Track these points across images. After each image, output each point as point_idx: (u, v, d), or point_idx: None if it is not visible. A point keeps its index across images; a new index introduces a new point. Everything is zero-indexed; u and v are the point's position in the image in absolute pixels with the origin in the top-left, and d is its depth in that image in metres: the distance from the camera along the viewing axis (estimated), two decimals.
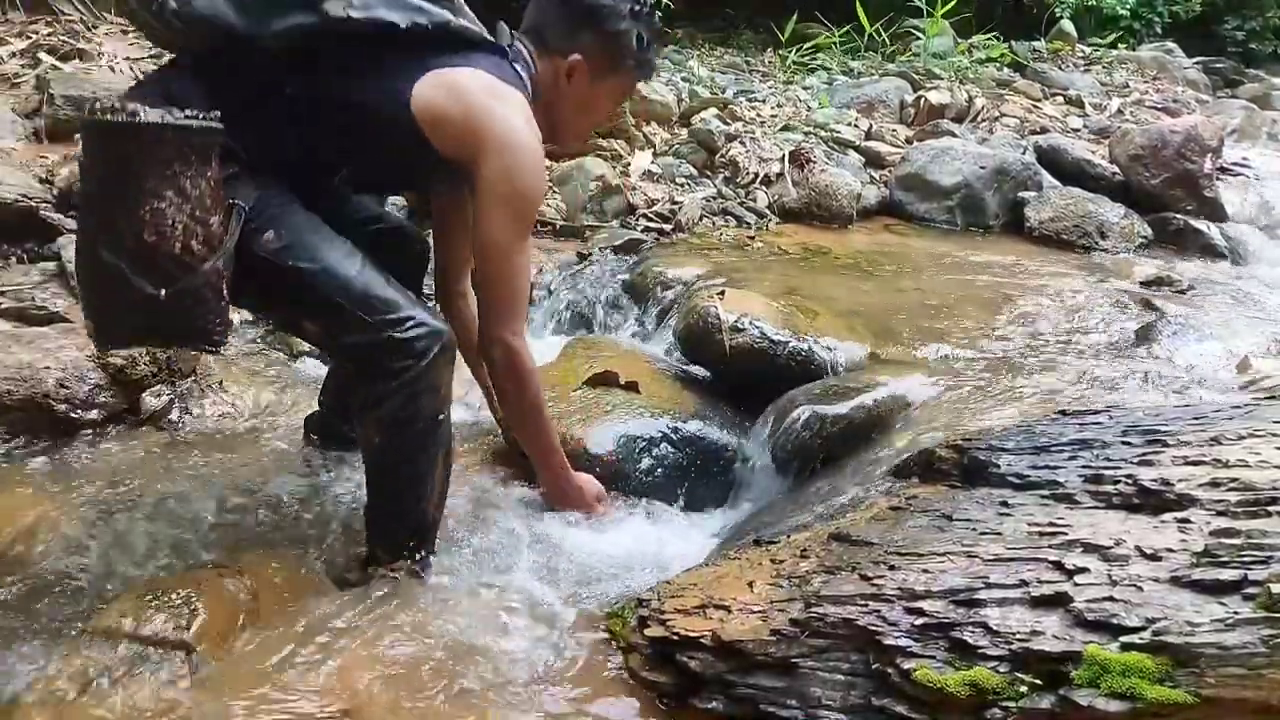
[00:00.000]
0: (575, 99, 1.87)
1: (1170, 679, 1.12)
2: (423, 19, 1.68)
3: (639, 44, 1.87)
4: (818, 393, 2.31)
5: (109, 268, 1.53)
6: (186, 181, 1.51)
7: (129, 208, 1.50)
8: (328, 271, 1.64)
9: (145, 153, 1.48)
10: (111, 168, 1.52)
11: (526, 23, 1.89)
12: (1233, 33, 9.56)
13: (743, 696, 1.41)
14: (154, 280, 1.52)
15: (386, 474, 1.73)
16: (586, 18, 1.83)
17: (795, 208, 4.09)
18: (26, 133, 4.10)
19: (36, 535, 1.94)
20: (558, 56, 1.84)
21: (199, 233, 1.54)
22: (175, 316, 1.57)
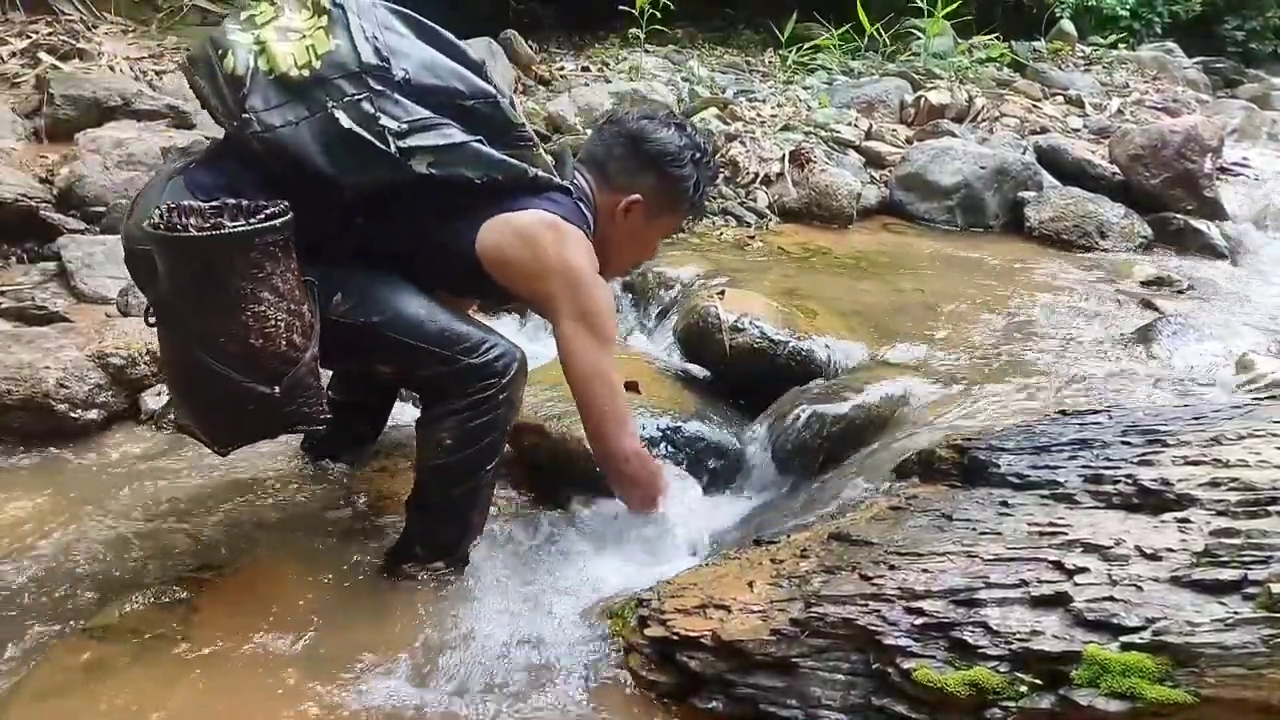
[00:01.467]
0: (628, 234, 1.92)
1: (1170, 679, 1.12)
2: (497, 173, 1.70)
3: (695, 189, 1.94)
4: (818, 392, 2.31)
5: (216, 376, 1.54)
6: (278, 279, 1.52)
7: (229, 315, 1.50)
8: (399, 319, 1.69)
9: (237, 261, 1.49)
10: (201, 278, 1.51)
11: (587, 153, 1.94)
12: (1233, 33, 9.55)
13: (743, 696, 1.42)
14: (264, 379, 1.55)
15: (449, 480, 1.76)
16: (652, 162, 1.88)
17: (795, 208, 4.09)
18: (26, 133, 4.11)
19: (36, 534, 1.94)
20: (618, 193, 1.89)
21: (298, 325, 1.57)
22: (286, 408, 1.59)
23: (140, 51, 5.32)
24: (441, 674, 1.58)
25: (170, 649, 1.59)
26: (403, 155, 1.61)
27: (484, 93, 1.69)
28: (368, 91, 1.60)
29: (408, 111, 1.62)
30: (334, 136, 1.59)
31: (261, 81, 1.61)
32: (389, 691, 1.54)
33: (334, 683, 1.55)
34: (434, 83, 1.65)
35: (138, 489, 2.13)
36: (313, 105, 1.60)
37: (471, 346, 1.70)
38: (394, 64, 1.62)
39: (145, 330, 2.52)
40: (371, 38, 1.62)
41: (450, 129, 1.66)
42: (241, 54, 1.63)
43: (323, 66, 1.60)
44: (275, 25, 1.64)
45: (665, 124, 1.91)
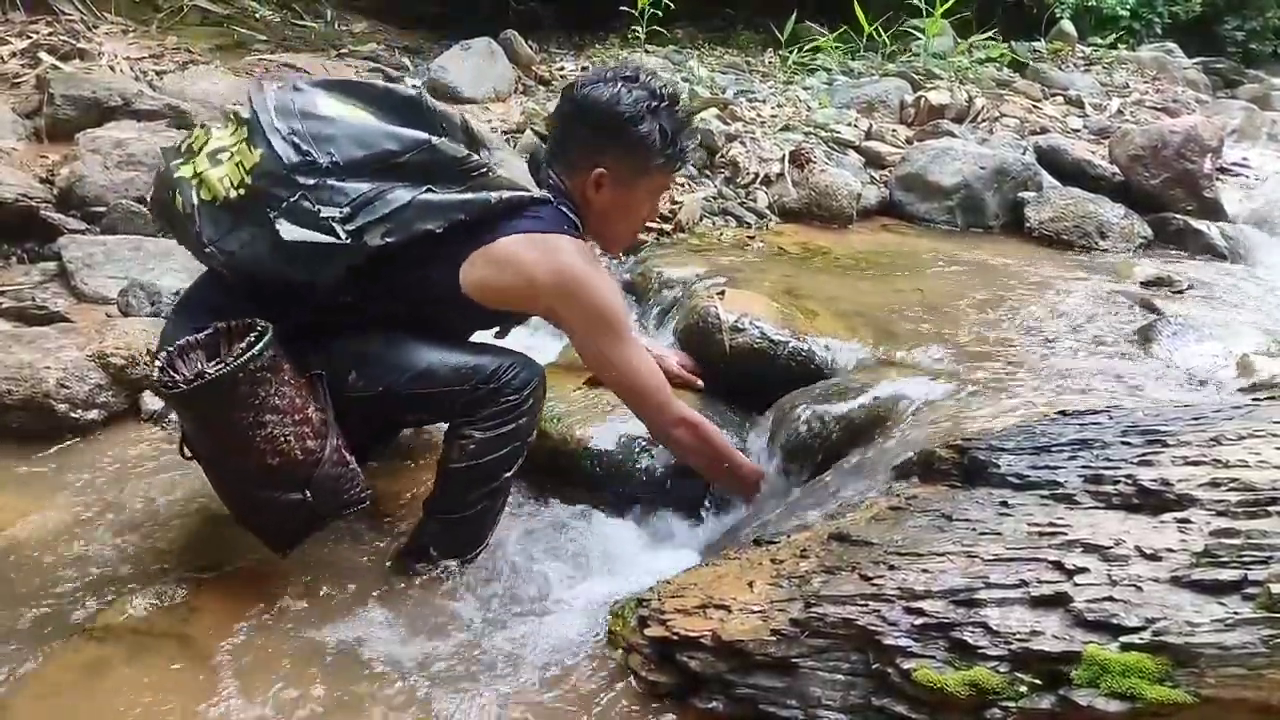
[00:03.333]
0: (611, 206, 1.88)
1: (1170, 679, 1.12)
2: (461, 214, 1.68)
3: (663, 139, 1.85)
4: (818, 393, 2.31)
5: (257, 499, 1.67)
6: (275, 399, 1.58)
7: (241, 445, 1.59)
8: (414, 376, 1.74)
9: (228, 401, 1.54)
10: (206, 420, 1.62)
11: (550, 138, 1.91)
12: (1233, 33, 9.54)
13: (743, 696, 1.42)
14: (293, 488, 1.64)
15: (469, 484, 1.80)
16: (605, 128, 1.82)
17: (795, 208, 4.09)
18: (26, 133, 4.11)
19: (37, 534, 1.94)
20: (583, 171, 1.84)
21: (308, 431, 1.63)
22: (327, 500, 1.69)
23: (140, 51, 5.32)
24: (443, 674, 1.58)
25: (170, 649, 1.60)
26: (354, 237, 1.61)
27: (417, 143, 1.65)
28: (300, 190, 1.59)
29: (346, 194, 1.61)
30: (286, 245, 1.60)
31: (206, 211, 1.64)
32: (389, 691, 1.54)
33: (334, 682, 1.55)
34: (365, 154, 1.63)
35: (138, 489, 2.13)
36: (258, 220, 1.61)
37: (489, 375, 1.75)
38: (318, 152, 1.60)
39: (145, 330, 2.53)
40: (289, 136, 1.60)
41: (393, 192, 1.63)
42: (186, 190, 1.66)
43: (253, 180, 1.61)
44: (207, 151, 1.67)
45: (611, 83, 1.81)
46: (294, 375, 1.63)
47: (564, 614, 1.73)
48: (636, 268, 3.38)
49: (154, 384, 1.60)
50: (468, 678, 1.58)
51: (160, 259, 3.23)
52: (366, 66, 6.28)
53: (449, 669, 1.60)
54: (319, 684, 1.55)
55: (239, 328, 1.63)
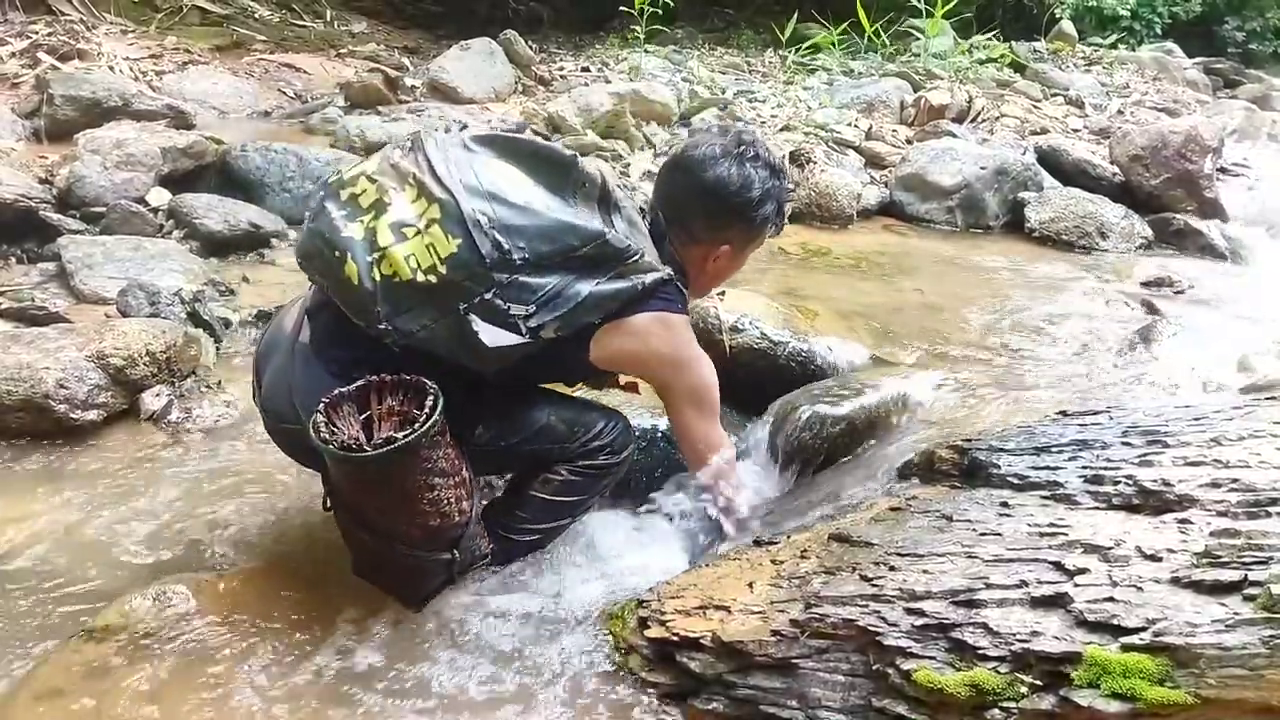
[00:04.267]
0: (720, 271, 1.97)
1: (1170, 679, 1.12)
2: (616, 304, 1.70)
3: (778, 214, 1.93)
4: (818, 393, 2.31)
5: (406, 560, 1.67)
6: (442, 461, 1.59)
7: (408, 509, 1.59)
8: (532, 433, 1.79)
9: (410, 462, 1.54)
10: (379, 485, 1.58)
11: (665, 205, 1.91)
12: (1233, 33, 9.55)
13: (743, 697, 1.41)
14: (445, 548, 1.68)
15: (540, 515, 1.86)
16: (736, 212, 1.86)
17: (795, 208, 4.09)
18: (26, 133, 4.11)
19: (36, 534, 1.94)
20: (706, 245, 1.89)
21: (463, 493, 1.66)
22: (467, 558, 1.74)
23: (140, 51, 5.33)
24: (444, 674, 1.58)
25: (170, 649, 1.59)
26: (533, 334, 1.62)
27: (595, 236, 1.65)
28: (494, 286, 1.57)
29: (532, 291, 1.60)
30: (470, 337, 1.59)
31: (387, 287, 1.58)
32: (389, 691, 1.54)
33: (334, 682, 1.55)
34: (551, 249, 1.62)
35: (138, 489, 2.13)
36: (444, 309, 1.58)
37: (596, 432, 1.84)
38: (512, 247, 1.58)
39: (145, 330, 2.52)
40: (488, 228, 1.56)
41: (572, 287, 1.64)
42: (361, 259, 1.58)
43: (447, 270, 1.56)
44: (387, 220, 1.60)
45: (739, 161, 1.84)
46: (451, 437, 1.62)
47: (564, 614, 1.73)
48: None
49: (325, 441, 1.51)
50: (468, 680, 1.58)
51: (159, 259, 3.23)
52: (366, 66, 6.28)
53: (447, 669, 1.59)
54: (319, 683, 1.54)
55: (392, 384, 1.58)
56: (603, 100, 4.78)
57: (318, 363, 1.69)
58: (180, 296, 2.92)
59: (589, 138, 4.40)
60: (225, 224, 3.56)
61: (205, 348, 2.72)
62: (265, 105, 5.50)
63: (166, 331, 2.58)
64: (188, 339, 2.64)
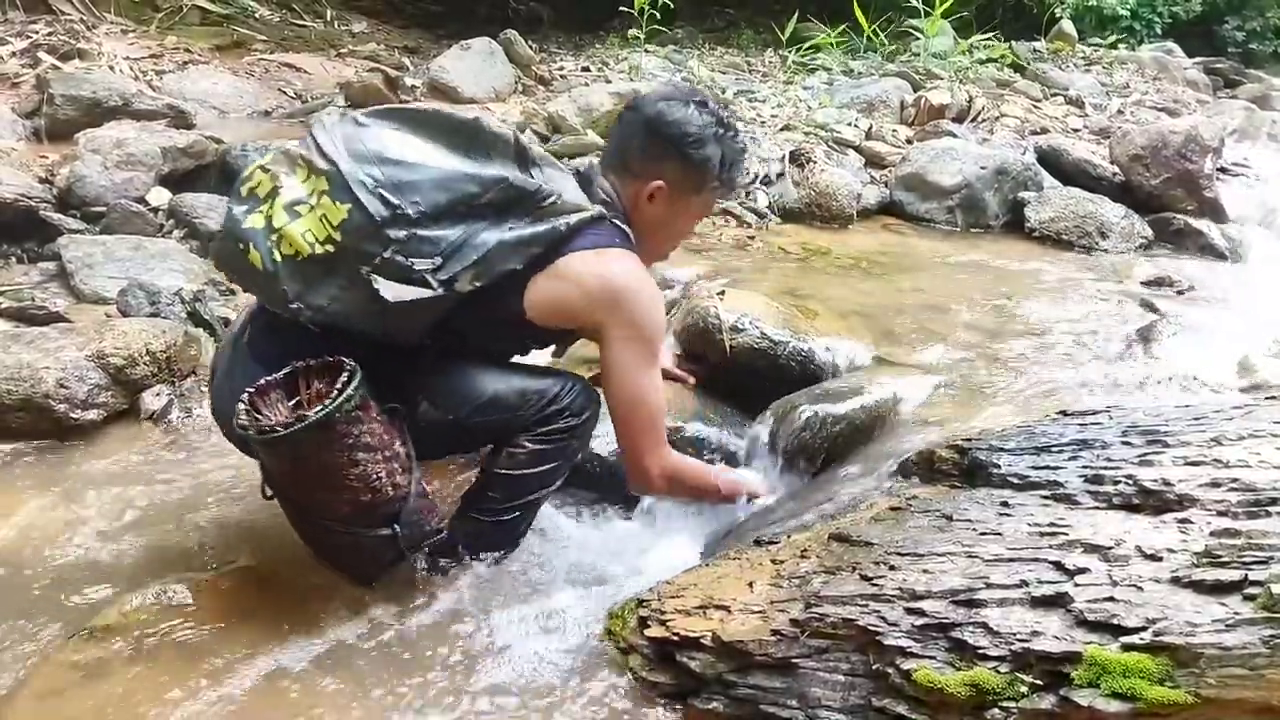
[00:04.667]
0: (657, 220, 1.87)
1: (1170, 679, 1.12)
2: (537, 247, 1.68)
3: (721, 166, 1.86)
4: (818, 393, 2.31)
5: (343, 538, 1.68)
6: (366, 436, 1.59)
7: (335, 485, 1.59)
8: (482, 404, 1.76)
9: (323, 442, 1.54)
10: (301, 463, 1.59)
11: (611, 147, 1.90)
12: (1233, 33, 9.54)
13: (743, 696, 1.42)
14: (383, 524, 1.66)
15: (513, 492, 1.83)
16: (672, 145, 1.81)
17: (795, 208, 4.09)
18: (26, 133, 4.11)
19: (36, 535, 1.94)
20: (641, 181, 1.84)
21: (397, 466, 1.65)
22: (413, 534, 1.71)
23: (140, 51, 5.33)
24: (443, 674, 1.58)
25: (170, 649, 1.60)
26: (446, 286, 1.60)
27: (495, 182, 1.64)
28: (393, 244, 1.57)
29: (435, 244, 1.59)
30: (379, 302, 1.58)
31: (289, 266, 1.60)
32: (389, 691, 1.54)
33: (334, 681, 1.55)
34: (448, 198, 1.61)
35: (137, 489, 2.13)
36: (348, 276, 1.59)
37: (551, 397, 1.78)
38: (404, 202, 1.58)
39: (145, 330, 2.53)
40: (375, 188, 1.57)
41: (479, 236, 1.62)
42: (262, 245, 1.61)
43: (343, 237, 1.57)
44: (281, 202, 1.61)
45: (684, 102, 1.83)
46: (379, 412, 1.62)
47: (563, 615, 1.73)
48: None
49: (242, 428, 1.56)
50: (468, 679, 1.58)
51: (159, 259, 3.23)
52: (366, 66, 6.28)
53: (448, 668, 1.60)
54: (319, 683, 1.54)
55: (318, 366, 1.61)
56: (603, 100, 4.78)
57: (254, 360, 1.71)
58: (180, 296, 2.92)
59: (589, 137, 4.39)
60: None
61: (205, 347, 2.72)
62: (265, 105, 5.50)
63: (167, 331, 2.58)
64: (188, 339, 2.64)
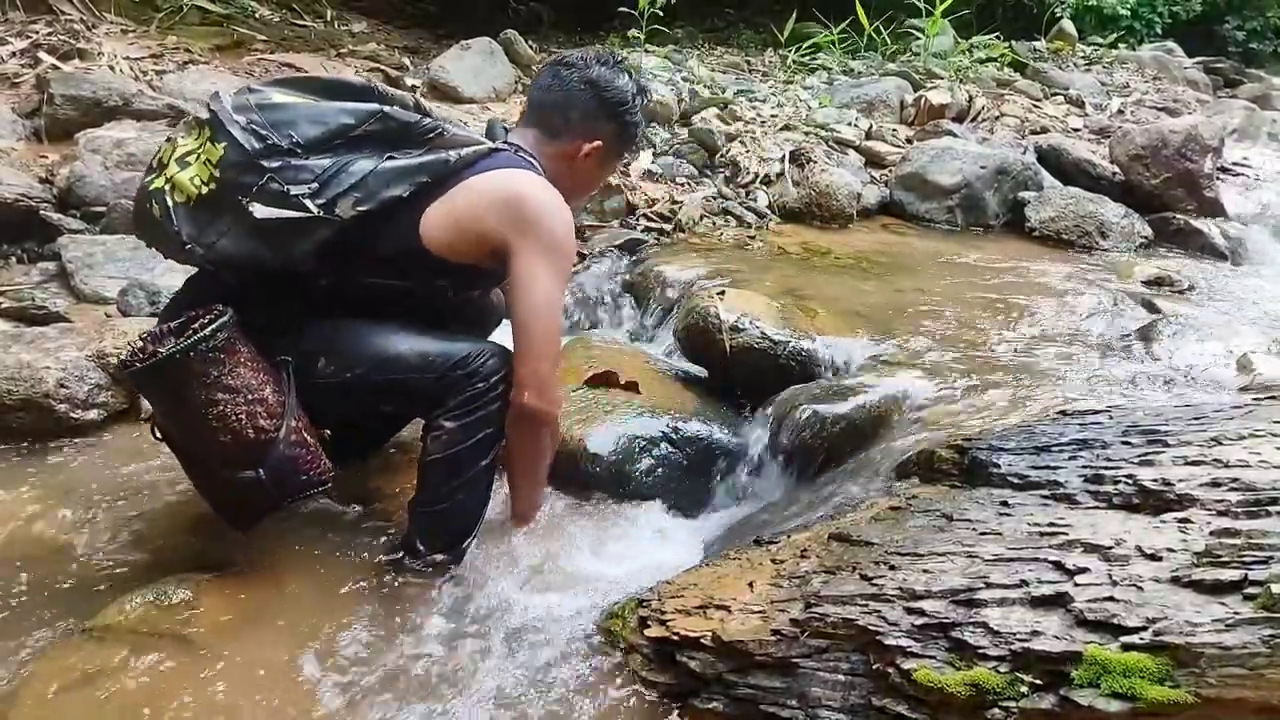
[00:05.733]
0: (583, 176, 1.98)
1: (1170, 679, 1.12)
2: (424, 176, 1.74)
3: (639, 131, 2.02)
4: (818, 392, 2.31)
5: (215, 478, 1.73)
6: (228, 378, 1.65)
7: (198, 424, 1.66)
8: (381, 362, 1.77)
9: (180, 379, 1.63)
10: (166, 400, 1.71)
11: (541, 98, 1.94)
12: (1233, 33, 9.54)
13: (743, 696, 1.42)
14: (247, 466, 1.68)
15: (448, 474, 1.81)
16: (613, 109, 1.92)
17: (795, 208, 4.09)
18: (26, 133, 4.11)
19: (36, 535, 1.94)
20: (578, 138, 1.91)
21: (260, 411, 1.68)
22: (284, 481, 1.72)
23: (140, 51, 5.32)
24: (442, 674, 1.58)
25: (170, 649, 1.59)
26: (326, 209, 1.67)
27: (370, 114, 1.72)
28: (267, 173, 1.66)
29: (311, 170, 1.67)
30: (261, 227, 1.66)
31: (183, 212, 1.70)
32: (389, 690, 1.54)
33: (335, 681, 1.55)
34: (322, 130, 1.69)
35: (138, 489, 2.13)
36: (231, 209, 1.68)
37: (457, 360, 1.76)
38: (278, 136, 1.67)
39: (145, 330, 2.52)
40: (248, 125, 1.67)
41: (355, 164, 1.70)
42: (161, 199, 1.72)
43: (221, 173, 1.67)
44: (174, 157, 1.73)
45: (617, 70, 1.94)
46: (253, 358, 1.70)
47: (563, 615, 1.73)
48: (636, 268, 3.38)
49: (116, 366, 1.69)
50: (467, 679, 1.58)
51: (159, 259, 3.22)
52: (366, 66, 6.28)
53: (448, 668, 1.60)
54: (319, 682, 1.54)
55: (205, 314, 1.69)
56: None
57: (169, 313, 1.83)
58: None
59: None
60: None
61: None
62: None
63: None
64: None
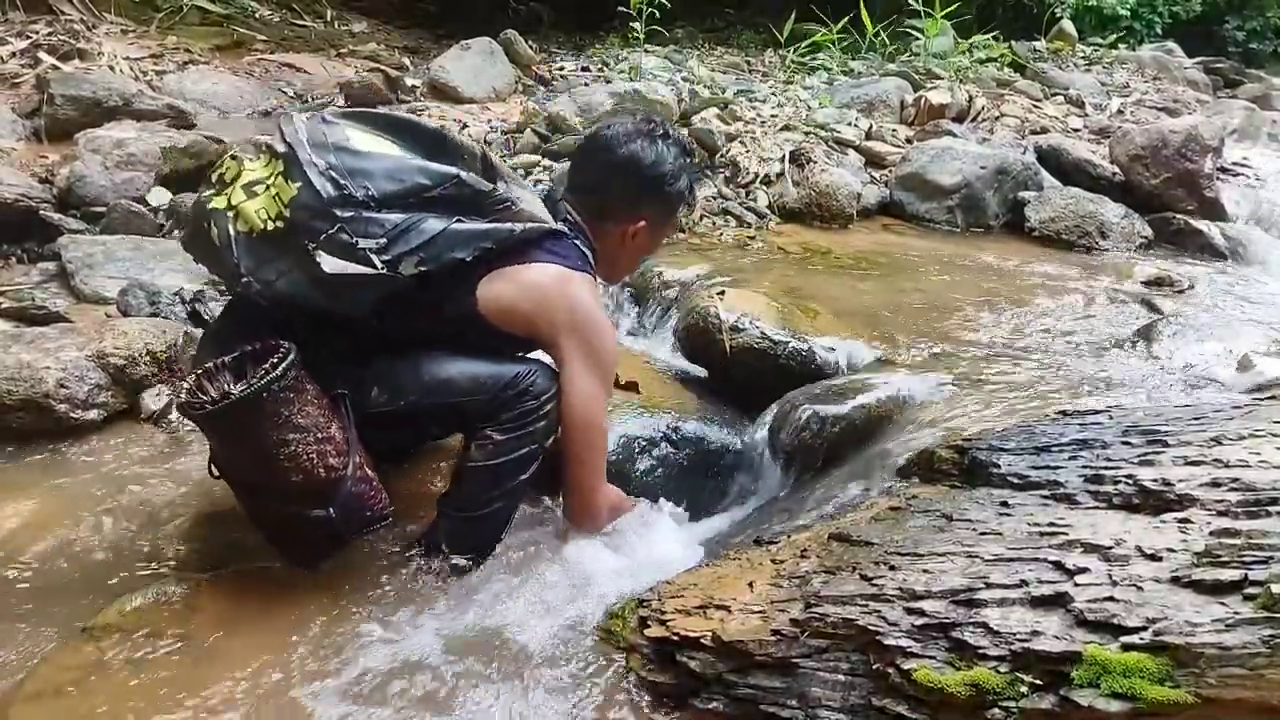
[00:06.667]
0: (635, 250, 2.01)
1: (1170, 679, 1.12)
2: (489, 242, 1.74)
3: (689, 192, 2.01)
4: (818, 393, 2.31)
5: (283, 517, 1.71)
6: (298, 417, 1.63)
7: (267, 462, 1.63)
8: (434, 388, 1.78)
9: (251, 420, 1.60)
10: (234, 441, 1.67)
11: (578, 185, 1.96)
12: (1233, 33, 9.54)
13: (743, 696, 1.42)
14: (318, 505, 1.67)
15: (488, 485, 1.83)
16: (652, 186, 1.93)
17: (795, 208, 4.09)
18: (26, 133, 4.11)
19: (37, 534, 1.94)
20: (622, 222, 1.94)
21: (330, 449, 1.67)
22: (352, 518, 1.72)
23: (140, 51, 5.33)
24: (443, 673, 1.58)
25: (170, 649, 1.60)
26: (390, 267, 1.65)
27: (446, 177, 1.71)
28: (339, 223, 1.62)
29: (382, 225, 1.65)
30: (326, 277, 1.63)
31: (244, 243, 1.66)
32: (389, 690, 1.54)
33: (335, 681, 1.55)
34: (398, 188, 1.67)
35: (138, 489, 2.13)
36: (296, 252, 1.64)
37: (508, 381, 1.78)
38: (354, 186, 1.64)
39: (145, 330, 2.53)
40: (326, 170, 1.63)
41: (426, 222, 1.68)
42: (222, 223, 1.68)
43: (292, 213, 1.63)
44: (241, 184, 1.68)
45: (650, 139, 1.92)
46: (317, 395, 1.68)
47: (563, 615, 1.73)
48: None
49: (181, 406, 1.64)
50: (468, 679, 1.58)
51: (160, 259, 3.23)
52: (366, 66, 6.28)
53: (449, 668, 1.59)
54: (318, 682, 1.54)
55: (263, 349, 1.67)
56: (603, 100, 4.78)
57: (214, 343, 1.79)
58: (181, 296, 2.92)
59: None
60: None
61: None
62: (266, 105, 5.50)
63: (167, 331, 2.58)
64: (188, 339, 2.64)
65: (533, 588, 1.81)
